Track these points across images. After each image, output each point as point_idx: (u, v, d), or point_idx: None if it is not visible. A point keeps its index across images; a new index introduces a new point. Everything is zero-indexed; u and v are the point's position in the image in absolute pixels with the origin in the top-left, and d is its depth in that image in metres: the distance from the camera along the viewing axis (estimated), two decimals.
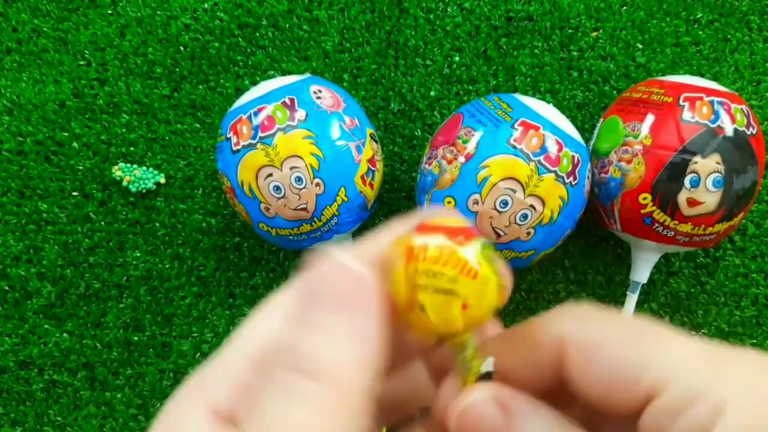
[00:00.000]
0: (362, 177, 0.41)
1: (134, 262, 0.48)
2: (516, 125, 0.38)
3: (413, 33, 0.50)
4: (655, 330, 0.15)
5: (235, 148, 0.39)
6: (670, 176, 0.38)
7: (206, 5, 0.51)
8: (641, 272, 0.43)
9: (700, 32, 0.49)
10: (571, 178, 0.38)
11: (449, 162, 0.39)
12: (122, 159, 0.49)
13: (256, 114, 0.39)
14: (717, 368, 0.14)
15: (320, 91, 0.41)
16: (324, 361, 0.14)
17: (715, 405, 0.13)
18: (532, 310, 0.48)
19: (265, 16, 0.50)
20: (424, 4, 0.50)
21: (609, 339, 0.15)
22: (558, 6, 0.50)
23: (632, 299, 0.44)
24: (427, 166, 0.41)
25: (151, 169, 0.49)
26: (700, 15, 0.50)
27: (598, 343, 0.15)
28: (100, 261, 0.48)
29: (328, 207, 0.40)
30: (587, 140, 0.45)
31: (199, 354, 0.48)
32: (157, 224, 0.49)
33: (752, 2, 0.49)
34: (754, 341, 0.46)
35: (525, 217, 0.38)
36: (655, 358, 0.14)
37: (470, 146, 0.38)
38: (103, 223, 0.49)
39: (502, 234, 0.38)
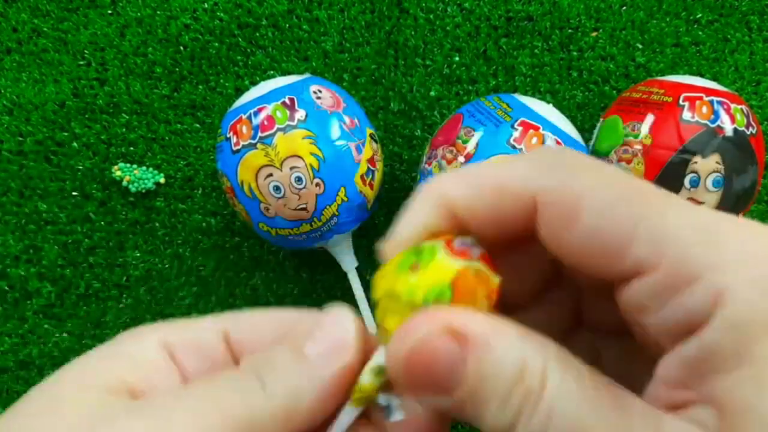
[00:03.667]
0: (362, 177, 0.41)
1: (134, 262, 0.48)
2: (516, 125, 0.38)
3: (413, 33, 0.50)
4: (646, 190, 0.12)
5: (235, 148, 0.39)
6: (670, 176, 0.38)
7: (206, 5, 0.51)
8: None
9: (700, 32, 0.49)
10: None
11: (449, 162, 0.39)
12: (122, 159, 0.49)
13: (256, 114, 0.39)
14: (717, 244, 0.11)
15: (320, 91, 0.41)
16: (277, 382, 0.15)
17: (714, 291, 0.11)
18: None
19: (265, 16, 0.50)
20: (424, 4, 0.50)
21: (590, 199, 0.12)
22: (558, 6, 0.50)
23: None
24: (427, 166, 0.41)
25: (150, 169, 0.49)
26: (700, 15, 0.50)
27: (576, 206, 0.12)
28: (100, 261, 0.48)
29: (328, 207, 0.40)
30: (587, 140, 0.45)
31: None
32: (157, 224, 0.49)
33: (752, 2, 0.49)
34: None
35: None
36: (645, 226, 0.12)
37: (470, 146, 0.38)
38: (103, 223, 0.49)
39: None
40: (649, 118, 0.39)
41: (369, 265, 0.48)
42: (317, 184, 0.39)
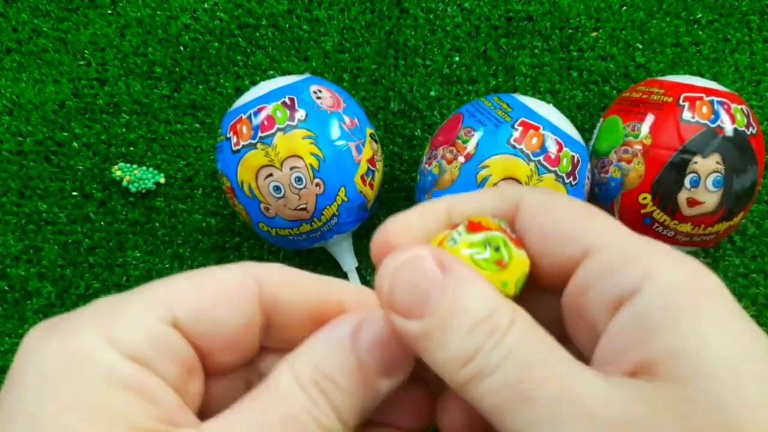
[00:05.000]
0: (362, 177, 0.41)
1: (134, 262, 0.48)
2: (516, 125, 0.38)
3: (413, 33, 0.50)
4: (601, 211, 0.17)
5: (235, 148, 0.39)
6: (670, 176, 0.38)
7: (206, 5, 0.51)
8: None
9: (700, 32, 0.49)
10: (571, 178, 0.38)
11: (449, 162, 0.39)
12: (122, 159, 0.49)
13: (256, 114, 0.39)
14: (647, 244, 0.15)
15: (320, 91, 0.41)
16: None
17: (645, 269, 0.14)
18: None
19: (265, 16, 0.51)
20: (424, 4, 0.50)
21: (558, 206, 0.17)
22: (558, 6, 0.50)
23: None
24: (427, 166, 0.41)
25: (151, 169, 0.49)
26: (700, 15, 0.50)
27: (547, 207, 0.17)
28: (100, 261, 0.48)
29: (328, 207, 0.40)
30: (587, 140, 0.45)
31: None
32: (157, 224, 0.49)
33: (752, 2, 0.49)
34: None
35: None
36: (596, 226, 0.16)
37: (470, 146, 0.38)
38: (103, 223, 0.49)
39: None
40: (649, 118, 0.39)
41: (369, 265, 0.48)
42: (317, 184, 0.39)
